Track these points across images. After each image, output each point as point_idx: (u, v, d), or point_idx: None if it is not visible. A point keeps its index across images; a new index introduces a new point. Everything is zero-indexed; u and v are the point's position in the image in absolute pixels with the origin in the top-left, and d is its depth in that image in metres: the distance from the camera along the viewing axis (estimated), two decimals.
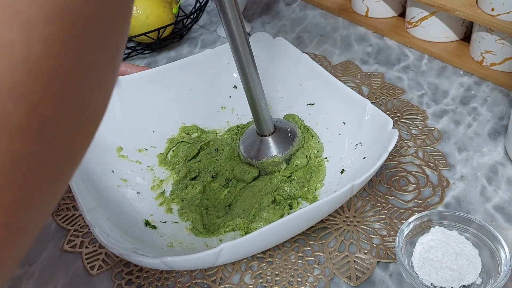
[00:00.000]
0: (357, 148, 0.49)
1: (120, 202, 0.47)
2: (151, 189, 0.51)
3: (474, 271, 0.39)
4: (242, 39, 0.43)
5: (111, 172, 0.50)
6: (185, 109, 0.58)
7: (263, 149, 0.51)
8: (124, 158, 0.53)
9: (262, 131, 0.51)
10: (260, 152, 0.51)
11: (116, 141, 0.53)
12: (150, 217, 0.48)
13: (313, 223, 0.43)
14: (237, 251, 0.37)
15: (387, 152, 0.42)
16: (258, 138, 0.51)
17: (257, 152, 0.51)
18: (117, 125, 0.54)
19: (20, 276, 0.45)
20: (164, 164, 0.54)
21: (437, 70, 0.67)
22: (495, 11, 0.60)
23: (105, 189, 0.47)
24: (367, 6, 0.78)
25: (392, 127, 0.45)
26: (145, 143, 0.55)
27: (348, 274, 0.42)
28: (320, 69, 0.55)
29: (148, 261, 0.36)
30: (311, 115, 0.56)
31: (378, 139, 0.46)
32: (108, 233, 0.39)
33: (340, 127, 0.52)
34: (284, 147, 0.51)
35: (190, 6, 0.88)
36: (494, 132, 0.56)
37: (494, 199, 0.48)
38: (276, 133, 0.51)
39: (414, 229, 0.42)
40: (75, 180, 0.42)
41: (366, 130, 0.49)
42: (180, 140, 0.56)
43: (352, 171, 0.48)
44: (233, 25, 0.42)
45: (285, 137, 0.52)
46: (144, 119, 0.56)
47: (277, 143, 0.51)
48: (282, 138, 0.51)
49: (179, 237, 0.46)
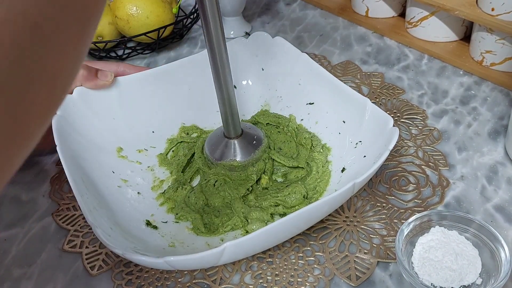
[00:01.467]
0: (357, 147, 0.49)
1: (121, 202, 0.47)
2: (152, 189, 0.51)
3: (474, 271, 0.39)
4: (218, 40, 0.43)
5: (111, 173, 0.50)
6: (185, 109, 0.58)
7: (226, 151, 0.51)
8: (124, 158, 0.53)
9: (229, 133, 0.50)
10: (222, 154, 0.51)
11: (115, 141, 0.53)
12: (151, 217, 0.48)
13: (315, 222, 0.43)
14: (240, 250, 0.37)
15: (388, 151, 0.42)
16: (224, 139, 0.51)
17: (220, 154, 0.51)
18: (117, 126, 0.54)
19: (19, 276, 0.45)
20: (164, 164, 0.54)
21: (437, 70, 0.67)
22: (495, 11, 0.60)
23: (105, 190, 0.47)
24: (367, 6, 0.78)
25: (393, 125, 0.45)
26: (145, 143, 0.55)
27: (348, 274, 0.42)
28: (319, 68, 0.55)
29: (150, 261, 0.36)
30: (310, 114, 0.56)
31: (378, 138, 0.46)
32: (110, 233, 0.39)
33: (340, 126, 0.52)
34: (246, 153, 0.50)
35: (190, 6, 0.88)
36: (494, 132, 0.56)
37: (494, 199, 0.48)
38: (242, 138, 0.51)
39: (414, 229, 0.42)
40: (75, 180, 0.42)
41: (366, 129, 0.49)
42: (180, 140, 0.56)
43: (352, 170, 0.48)
44: (211, 25, 0.42)
45: (250, 143, 0.51)
46: (143, 120, 0.56)
47: (241, 148, 0.51)
48: (247, 144, 0.51)
49: (180, 237, 0.46)
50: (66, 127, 0.48)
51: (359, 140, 0.50)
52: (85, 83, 0.52)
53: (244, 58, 0.60)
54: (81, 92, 0.52)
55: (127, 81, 0.55)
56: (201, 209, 0.48)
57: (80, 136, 0.50)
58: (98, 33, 0.73)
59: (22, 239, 0.49)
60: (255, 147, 0.51)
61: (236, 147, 0.50)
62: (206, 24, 0.42)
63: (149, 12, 0.71)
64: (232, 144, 0.50)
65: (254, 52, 0.60)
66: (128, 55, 0.75)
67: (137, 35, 0.71)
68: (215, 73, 0.45)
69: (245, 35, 0.78)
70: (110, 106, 0.54)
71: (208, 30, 0.42)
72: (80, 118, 0.51)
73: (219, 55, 0.44)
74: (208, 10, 0.41)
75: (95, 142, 0.51)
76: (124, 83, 0.55)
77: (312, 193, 0.49)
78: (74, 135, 0.49)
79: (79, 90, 0.52)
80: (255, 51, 0.60)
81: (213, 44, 0.43)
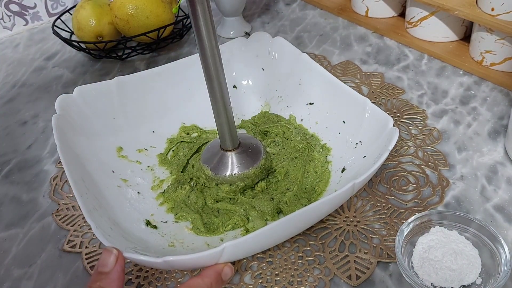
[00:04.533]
0: (357, 147, 0.49)
1: (121, 202, 0.47)
2: (152, 189, 0.51)
3: (474, 271, 0.39)
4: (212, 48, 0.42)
5: (112, 173, 0.50)
6: (185, 109, 0.58)
7: (221, 164, 0.49)
8: (124, 158, 0.53)
9: (225, 145, 0.49)
10: (218, 166, 0.49)
11: (116, 141, 0.53)
12: (151, 217, 0.48)
13: (315, 222, 0.43)
14: (239, 250, 0.37)
15: (388, 151, 0.42)
16: (220, 151, 0.50)
17: (216, 166, 0.49)
18: (117, 126, 0.54)
19: (19, 276, 0.45)
20: (164, 164, 0.54)
21: (436, 70, 0.67)
22: (495, 11, 0.60)
23: (105, 190, 0.47)
24: (366, 6, 0.78)
25: (392, 126, 0.45)
26: (145, 143, 0.55)
27: (348, 274, 0.42)
28: (319, 68, 0.55)
29: (150, 261, 0.36)
30: (310, 114, 0.56)
31: (378, 138, 0.46)
32: (110, 233, 0.39)
33: (340, 126, 0.52)
34: (244, 166, 0.49)
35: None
36: (494, 132, 0.56)
37: (494, 199, 0.48)
38: (239, 150, 0.49)
39: (414, 229, 0.42)
40: (75, 180, 0.42)
41: (366, 129, 0.49)
42: (180, 140, 0.56)
43: (352, 170, 0.48)
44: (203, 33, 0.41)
45: (248, 154, 0.50)
46: (143, 119, 0.56)
47: (238, 161, 0.49)
48: (245, 156, 0.49)
49: (180, 237, 0.46)
50: (66, 127, 0.48)
51: (359, 140, 0.49)
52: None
53: (245, 58, 0.60)
54: (81, 92, 0.52)
55: (127, 81, 0.55)
56: (200, 209, 0.48)
57: (80, 136, 0.50)
58: (98, 33, 0.73)
59: (22, 239, 0.49)
60: (253, 161, 0.49)
61: (231, 161, 0.49)
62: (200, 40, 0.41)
63: (149, 12, 0.71)
64: (227, 157, 0.49)
65: (255, 52, 0.60)
66: (128, 55, 0.75)
67: (137, 35, 0.71)
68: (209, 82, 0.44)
69: (245, 35, 0.79)
70: (110, 105, 0.54)
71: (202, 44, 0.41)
72: (80, 118, 0.51)
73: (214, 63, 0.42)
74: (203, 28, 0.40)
75: (95, 141, 0.51)
76: (124, 83, 0.55)
77: (312, 193, 0.49)
78: (74, 135, 0.49)
79: (79, 89, 0.52)
80: (256, 51, 0.60)
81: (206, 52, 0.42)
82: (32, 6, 0.89)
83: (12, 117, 0.67)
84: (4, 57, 0.81)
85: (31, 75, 0.76)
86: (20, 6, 0.88)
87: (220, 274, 0.37)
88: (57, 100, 0.50)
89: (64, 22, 0.80)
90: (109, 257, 0.35)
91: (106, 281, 0.34)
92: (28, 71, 0.77)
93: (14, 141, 0.62)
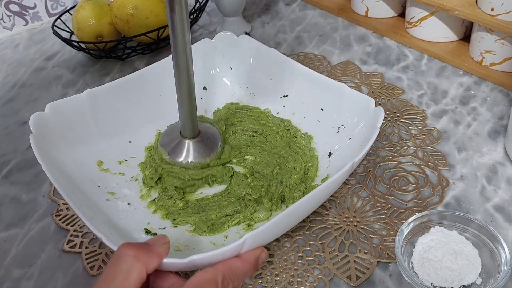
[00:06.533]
0: (340, 131, 0.51)
1: (115, 215, 0.46)
2: (141, 198, 0.50)
3: (474, 271, 0.39)
4: (183, 32, 0.44)
5: (97, 187, 0.49)
6: (159, 116, 0.57)
7: (178, 150, 0.51)
8: (107, 171, 0.51)
9: (185, 133, 0.50)
10: (175, 152, 0.51)
11: (94, 155, 0.52)
12: (148, 225, 0.47)
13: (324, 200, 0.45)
14: (258, 240, 0.37)
15: (377, 129, 0.44)
16: (179, 137, 0.51)
17: (173, 151, 0.51)
18: (93, 140, 0.52)
19: (19, 277, 0.45)
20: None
21: (436, 70, 0.67)
22: (495, 11, 0.60)
23: (97, 204, 0.46)
24: (366, 6, 0.78)
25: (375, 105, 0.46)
26: (124, 154, 0.54)
27: (348, 274, 0.42)
28: (290, 61, 0.56)
29: (176, 262, 0.35)
30: (286, 106, 0.57)
31: (362, 119, 0.48)
32: (118, 242, 0.39)
33: (319, 114, 0.54)
34: (201, 155, 0.51)
35: (190, 6, 0.88)
36: (494, 132, 0.56)
37: (494, 199, 0.48)
38: (198, 139, 0.51)
39: (414, 229, 0.42)
40: (67, 192, 0.41)
41: (347, 113, 0.51)
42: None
43: (340, 152, 0.50)
44: (176, 15, 0.43)
45: (206, 144, 0.51)
46: (119, 130, 0.54)
47: (196, 149, 0.51)
48: (203, 146, 0.51)
49: (182, 241, 0.45)
50: (44, 145, 0.46)
51: (341, 124, 0.51)
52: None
53: (211, 59, 0.60)
54: (52, 108, 0.50)
55: (97, 93, 0.53)
56: (200, 209, 0.48)
57: (59, 153, 0.48)
58: (98, 33, 0.73)
59: (22, 239, 0.49)
60: (211, 150, 0.51)
61: (189, 148, 0.51)
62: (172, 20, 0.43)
63: (149, 12, 0.71)
64: (185, 144, 0.51)
65: (221, 52, 0.61)
66: (128, 55, 0.75)
67: (137, 35, 0.71)
68: (177, 67, 0.45)
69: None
70: (83, 119, 0.52)
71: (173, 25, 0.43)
72: (55, 135, 0.49)
73: (182, 50, 0.44)
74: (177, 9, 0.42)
75: (75, 158, 0.49)
76: (95, 96, 0.53)
77: (305, 178, 0.50)
78: (54, 153, 0.47)
79: (50, 106, 0.50)
80: (222, 51, 0.61)
81: (177, 35, 0.44)
82: (32, 6, 0.89)
83: (12, 117, 0.67)
84: (4, 57, 0.81)
85: (31, 75, 0.76)
86: (20, 6, 0.88)
87: (258, 259, 0.37)
88: (30, 118, 0.47)
89: (64, 22, 0.80)
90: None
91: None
92: (28, 71, 0.76)
93: (14, 141, 0.62)
